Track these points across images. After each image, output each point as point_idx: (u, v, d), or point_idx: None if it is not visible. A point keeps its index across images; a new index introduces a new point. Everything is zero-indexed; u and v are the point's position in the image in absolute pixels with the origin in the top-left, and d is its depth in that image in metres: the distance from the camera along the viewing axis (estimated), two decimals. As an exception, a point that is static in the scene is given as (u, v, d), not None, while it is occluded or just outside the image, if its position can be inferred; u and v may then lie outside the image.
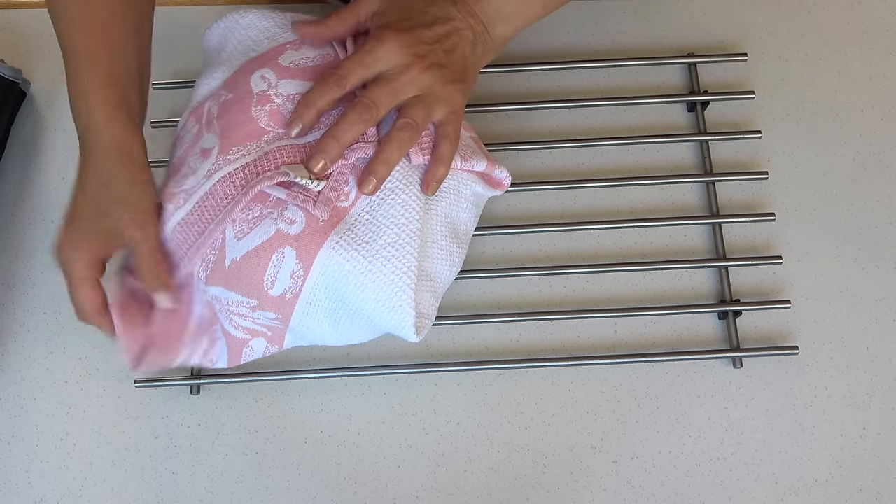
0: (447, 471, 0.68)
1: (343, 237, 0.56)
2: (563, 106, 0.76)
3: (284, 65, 0.60)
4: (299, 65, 0.60)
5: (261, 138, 0.58)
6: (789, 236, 0.73)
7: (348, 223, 0.57)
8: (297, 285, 0.57)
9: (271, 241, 0.56)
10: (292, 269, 0.57)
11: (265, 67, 0.60)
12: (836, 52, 0.78)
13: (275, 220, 0.57)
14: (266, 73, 0.60)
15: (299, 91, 0.59)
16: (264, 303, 0.58)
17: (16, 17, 0.80)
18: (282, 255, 0.56)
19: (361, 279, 0.56)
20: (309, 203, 0.56)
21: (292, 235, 0.56)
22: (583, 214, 0.74)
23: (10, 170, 0.76)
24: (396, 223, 0.57)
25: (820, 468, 0.68)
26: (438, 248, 0.60)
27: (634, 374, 0.70)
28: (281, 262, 0.56)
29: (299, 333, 0.61)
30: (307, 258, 0.56)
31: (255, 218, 0.57)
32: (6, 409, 0.70)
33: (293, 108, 0.58)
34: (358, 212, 0.57)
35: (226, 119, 0.59)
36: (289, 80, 0.59)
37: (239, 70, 0.61)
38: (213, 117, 0.60)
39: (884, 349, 0.70)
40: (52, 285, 0.73)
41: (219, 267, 0.58)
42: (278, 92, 0.59)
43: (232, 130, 0.58)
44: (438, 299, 0.62)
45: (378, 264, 0.56)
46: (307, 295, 0.57)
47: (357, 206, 0.57)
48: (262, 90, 0.59)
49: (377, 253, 0.56)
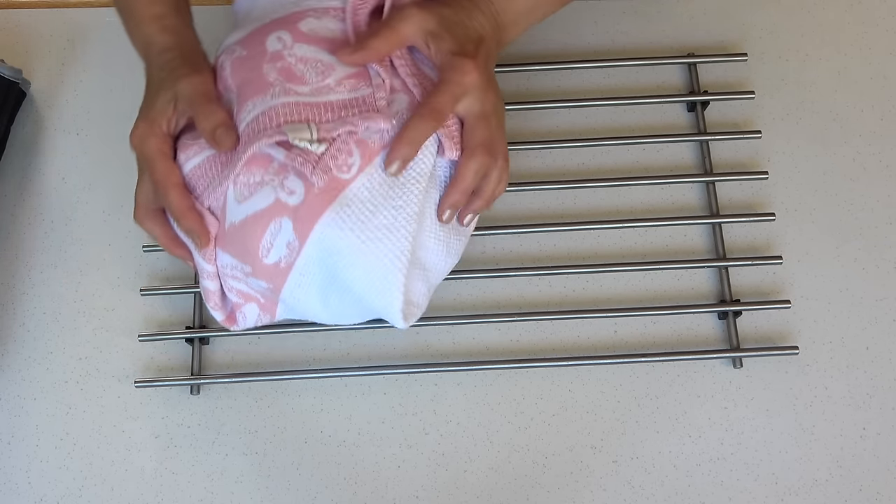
0: (447, 471, 0.68)
1: (340, 213, 0.56)
2: (562, 106, 0.76)
3: (303, 31, 0.60)
4: (318, 33, 0.60)
5: (267, 92, 0.58)
6: (789, 236, 0.73)
7: (347, 198, 0.56)
8: (291, 255, 0.57)
9: (269, 210, 0.57)
10: (288, 239, 0.57)
11: (282, 30, 0.60)
12: (836, 52, 0.78)
13: (275, 188, 0.57)
14: (283, 35, 0.60)
15: (313, 55, 0.59)
16: (258, 270, 0.58)
17: (16, 17, 0.80)
18: (279, 224, 0.57)
19: (354, 257, 0.56)
20: (307, 167, 0.56)
21: (290, 206, 0.56)
22: (583, 214, 0.74)
23: (10, 170, 0.76)
24: (395, 205, 0.57)
25: (820, 468, 0.68)
26: (435, 237, 0.60)
27: (634, 374, 0.70)
28: (278, 231, 0.57)
29: (290, 306, 0.61)
30: (303, 230, 0.56)
31: (256, 183, 0.57)
32: (6, 409, 0.70)
33: (313, 65, 0.58)
34: (358, 187, 0.57)
35: (240, 76, 0.60)
36: (304, 44, 0.59)
37: (257, 29, 0.62)
38: (226, 74, 0.61)
39: (884, 349, 0.70)
40: (52, 285, 0.73)
41: (220, 229, 0.59)
42: (292, 52, 0.59)
43: (244, 87, 0.59)
44: (431, 290, 0.62)
45: (371, 244, 0.56)
46: (300, 267, 0.57)
47: (358, 180, 0.57)
48: (276, 49, 0.59)
49: (371, 233, 0.56)
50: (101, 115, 0.77)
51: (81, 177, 0.76)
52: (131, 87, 0.78)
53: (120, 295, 0.72)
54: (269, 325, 0.65)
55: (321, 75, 0.58)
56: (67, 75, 0.78)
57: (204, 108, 0.58)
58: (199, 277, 0.62)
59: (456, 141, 0.58)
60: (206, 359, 0.70)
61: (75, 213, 0.75)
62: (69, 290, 0.72)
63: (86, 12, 0.80)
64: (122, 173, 0.75)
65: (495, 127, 0.59)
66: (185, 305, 0.72)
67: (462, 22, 0.59)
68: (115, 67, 0.78)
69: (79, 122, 0.77)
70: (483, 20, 0.60)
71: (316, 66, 0.59)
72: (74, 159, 0.76)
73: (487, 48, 0.60)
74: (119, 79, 0.78)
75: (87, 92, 0.78)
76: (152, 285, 0.72)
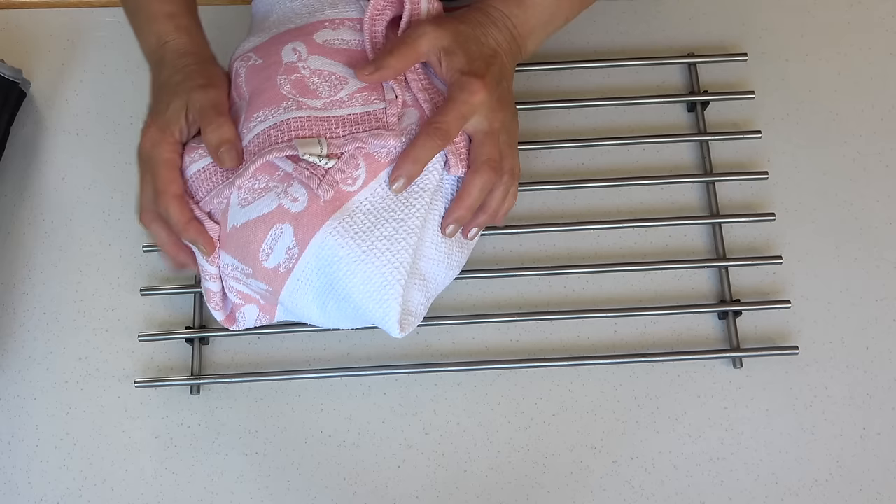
0: (447, 471, 0.68)
1: (342, 223, 0.57)
2: (562, 106, 0.76)
3: (318, 42, 0.61)
4: (333, 45, 0.61)
5: (279, 104, 0.59)
6: (789, 236, 0.73)
7: (350, 209, 0.57)
8: (290, 261, 0.58)
9: (272, 215, 0.57)
10: (288, 245, 0.57)
11: (298, 41, 0.61)
12: (836, 52, 0.78)
13: (278, 195, 0.57)
14: (298, 47, 0.61)
15: (327, 68, 0.60)
16: (257, 272, 0.59)
17: (16, 17, 0.80)
18: (280, 229, 0.57)
19: (353, 267, 0.57)
20: (314, 181, 0.56)
21: (293, 213, 0.57)
22: (583, 214, 0.74)
23: (10, 170, 0.76)
24: (396, 217, 0.57)
25: (820, 468, 0.68)
26: (436, 248, 0.60)
27: (634, 374, 0.70)
28: (278, 237, 0.57)
29: (288, 309, 0.62)
30: (304, 237, 0.57)
31: (260, 188, 0.58)
32: (6, 409, 0.70)
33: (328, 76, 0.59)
34: (361, 199, 0.57)
35: (253, 85, 0.60)
36: (319, 57, 0.60)
37: (273, 38, 0.62)
38: (241, 81, 0.61)
39: (884, 349, 0.70)
40: (52, 285, 0.73)
41: (221, 230, 0.59)
42: (306, 65, 0.60)
43: (256, 97, 0.60)
44: (430, 300, 0.62)
45: (371, 255, 0.57)
46: (299, 273, 0.58)
47: (362, 193, 0.57)
48: (291, 61, 0.60)
49: (372, 244, 0.57)
50: (101, 115, 0.77)
51: (81, 177, 0.76)
52: (131, 87, 0.78)
53: (120, 295, 0.72)
54: (269, 326, 0.66)
55: (334, 89, 0.59)
56: (67, 75, 0.78)
57: (213, 121, 0.58)
58: (202, 278, 0.62)
59: (462, 157, 0.59)
60: (205, 359, 0.70)
61: (75, 213, 0.75)
62: (69, 290, 0.72)
63: (86, 12, 0.80)
64: (122, 173, 0.75)
65: (504, 144, 0.60)
66: (185, 305, 0.72)
67: (476, 38, 0.60)
68: (115, 67, 0.78)
69: (79, 122, 0.77)
70: (498, 35, 0.61)
71: (329, 79, 0.60)
72: (74, 159, 0.76)
73: (501, 64, 0.60)
74: (119, 79, 0.78)
75: (87, 92, 0.78)
76: (152, 285, 0.72)
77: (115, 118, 0.77)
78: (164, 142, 0.60)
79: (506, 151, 0.60)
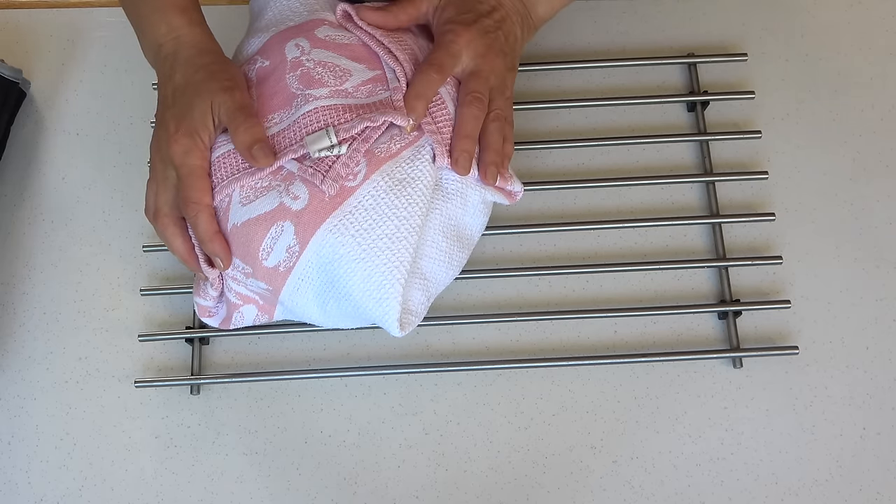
0: (447, 471, 0.68)
1: (342, 220, 0.57)
2: (563, 106, 0.76)
3: (320, 37, 0.62)
4: (335, 41, 0.62)
5: (291, 104, 0.59)
6: (789, 236, 0.73)
7: (351, 206, 0.57)
8: (291, 260, 0.58)
9: (273, 213, 0.57)
10: (288, 243, 0.57)
11: (301, 37, 0.62)
12: (836, 52, 0.78)
13: (280, 193, 0.58)
14: (301, 42, 0.62)
15: (331, 60, 0.60)
16: (257, 271, 0.59)
17: (16, 17, 0.80)
18: (280, 227, 0.57)
19: (353, 265, 0.57)
20: (317, 178, 0.57)
21: (294, 211, 0.57)
22: (583, 214, 0.74)
23: (10, 170, 0.76)
24: (398, 215, 0.57)
25: (820, 468, 0.68)
26: (437, 248, 0.60)
27: (634, 374, 0.70)
28: (279, 235, 0.57)
29: (288, 308, 0.62)
30: (304, 235, 0.57)
31: (262, 187, 0.58)
32: (6, 409, 0.70)
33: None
34: (363, 195, 0.57)
35: (262, 88, 0.61)
36: (322, 49, 0.61)
37: (275, 37, 0.63)
38: (252, 84, 0.62)
39: (884, 349, 0.70)
40: (52, 285, 0.73)
41: (221, 228, 0.59)
42: (310, 57, 0.61)
43: (267, 99, 0.60)
44: (430, 299, 0.62)
45: (371, 253, 0.57)
46: (299, 271, 0.58)
47: (363, 188, 0.57)
48: (295, 56, 0.61)
49: (373, 242, 0.57)
50: (101, 115, 0.77)
51: (81, 177, 0.76)
52: (131, 87, 0.78)
53: (120, 295, 0.72)
54: (269, 325, 0.66)
55: (339, 80, 0.60)
56: (67, 75, 0.78)
57: (244, 121, 0.58)
58: (195, 293, 0.63)
59: (447, 148, 0.60)
60: (205, 359, 0.70)
61: (75, 213, 0.75)
62: (69, 290, 0.72)
63: (86, 12, 0.80)
64: (122, 173, 0.75)
65: (495, 90, 0.62)
66: (185, 305, 0.72)
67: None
68: (115, 67, 0.78)
69: (79, 122, 0.77)
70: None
71: (334, 70, 0.60)
72: (74, 159, 0.76)
73: (499, 18, 0.62)
74: (119, 79, 0.78)
75: (87, 92, 0.78)
76: (152, 285, 0.72)
77: (115, 118, 0.77)
78: (195, 149, 0.59)
79: (495, 95, 0.62)
